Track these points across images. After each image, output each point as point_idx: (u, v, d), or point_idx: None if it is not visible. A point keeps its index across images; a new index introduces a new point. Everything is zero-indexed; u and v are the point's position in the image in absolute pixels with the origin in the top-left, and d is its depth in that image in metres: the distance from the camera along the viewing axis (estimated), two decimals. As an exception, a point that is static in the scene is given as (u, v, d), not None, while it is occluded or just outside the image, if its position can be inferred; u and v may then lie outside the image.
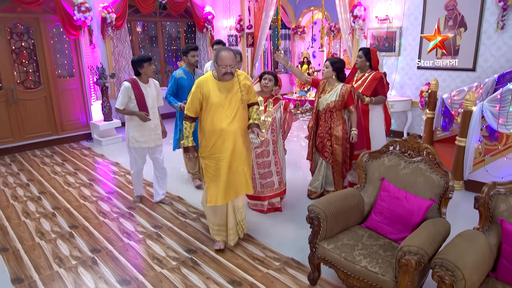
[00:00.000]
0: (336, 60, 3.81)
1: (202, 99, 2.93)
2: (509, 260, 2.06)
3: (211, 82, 2.94)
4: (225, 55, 2.82)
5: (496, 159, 4.06)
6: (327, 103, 3.78)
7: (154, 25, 8.36)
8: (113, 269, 2.97)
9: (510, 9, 4.91)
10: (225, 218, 3.18)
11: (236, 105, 2.96)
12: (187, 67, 4.29)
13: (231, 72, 2.86)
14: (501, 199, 2.19)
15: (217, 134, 2.93)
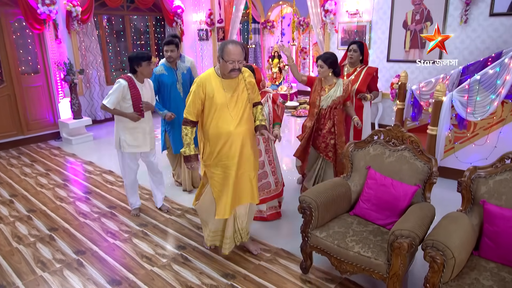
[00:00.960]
0: (327, 56, 3.60)
1: (205, 99, 2.61)
2: (491, 238, 2.21)
3: (214, 80, 2.62)
4: (233, 49, 2.48)
5: (465, 146, 4.29)
6: (333, 100, 3.59)
7: (121, 19, 8.11)
8: (100, 270, 2.89)
9: (473, 4, 5.19)
10: (222, 224, 2.90)
11: (243, 105, 2.67)
12: (167, 62, 4.00)
13: (239, 69, 2.55)
14: (482, 182, 2.34)
15: (224, 138, 2.62)
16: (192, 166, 2.77)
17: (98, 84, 7.45)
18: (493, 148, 4.07)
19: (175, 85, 3.99)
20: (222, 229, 2.91)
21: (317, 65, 3.65)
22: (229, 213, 2.72)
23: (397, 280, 2.24)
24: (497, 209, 2.20)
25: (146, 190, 4.34)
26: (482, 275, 2.07)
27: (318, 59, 3.63)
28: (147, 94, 3.48)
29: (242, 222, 2.91)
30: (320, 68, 3.61)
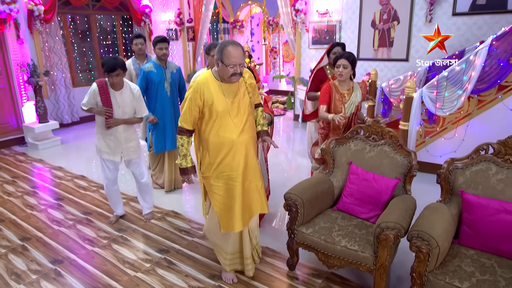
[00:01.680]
0: (350, 54, 3.17)
1: (203, 106, 2.36)
2: (470, 227, 2.32)
3: (212, 84, 2.36)
4: (233, 52, 2.23)
5: (435, 139, 4.48)
6: (356, 106, 3.26)
7: (87, 18, 7.83)
8: (80, 278, 2.78)
9: (436, 4, 5.42)
10: (238, 244, 2.64)
11: (246, 111, 2.45)
12: (157, 60, 3.95)
13: (240, 72, 2.31)
14: (459, 173, 2.45)
15: (226, 147, 2.39)
16: (189, 179, 2.54)
17: (64, 86, 7.15)
18: (461, 141, 4.27)
19: (162, 83, 3.94)
20: (239, 249, 2.66)
21: (336, 65, 3.17)
22: (242, 226, 2.48)
23: (384, 272, 2.30)
24: (474, 198, 2.31)
25: (124, 195, 4.21)
26: (464, 262, 2.16)
27: (339, 58, 3.15)
28: (124, 102, 3.20)
29: (256, 237, 2.71)
30: (343, 69, 3.12)
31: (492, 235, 2.23)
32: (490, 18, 5.07)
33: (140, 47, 4.25)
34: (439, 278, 2.09)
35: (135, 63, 4.36)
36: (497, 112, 4.04)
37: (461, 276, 2.06)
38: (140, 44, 4.25)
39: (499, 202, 2.24)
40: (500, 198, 2.29)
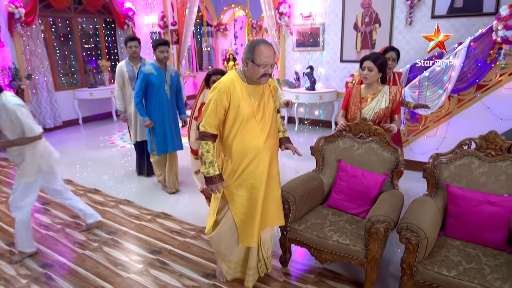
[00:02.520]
0: (377, 56, 2.92)
1: (229, 108, 2.20)
2: (455, 218, 2.42)
3: (239, 86, 2.22)
4: (266, 51, 2.12)
5: (418, 138, 4.63)
6: (375, 112, 2.98)
7: (69, 21, 7.73)
8: (72, 281, 2.75)
9: (416, 7, 5.60)
10: (244, 253, 2.52)
11: (270, 115, 2.32)
12: (157, 63, 3.92)
13: (270, 74, 2.20)
14: (444, 167, 2.55)
15: (251, 154, 2.25)
16: (217, 188, 2.29)
17: (46, 90, 7.04)
18: (443, 138, 4.42)
19: (163, 86, 3.94)
20: (244, 258, 2.53)
21: (361, 67, 2.96)
22: (257, 241, 2.37)
23: (375, 264, 2.38)
24: (459, 191, 2.41)
25: (111, 198, 4.18)
26: (451, 252, 2.26)
27: (365, 60, 2.92)
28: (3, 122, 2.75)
29: (268, 250, 2.55)
30: (368, 72, 2.90)
31: (476, 225, 2.33)
32: (467, 21, 5.27)
33: (134, 50, 4.24)
34: (428, 268, 2.17)
35: (128, 66, 4.34)
36: (476, 110, 4.21)
37: (448, 265, 2.15)
38: (134, 47, 4.23)
39: (482, 194, 2.35)
40: (483, 190, 2.41)
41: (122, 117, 4.49)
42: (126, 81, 4.33)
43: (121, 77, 4.32)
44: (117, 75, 4.34)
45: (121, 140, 6.67)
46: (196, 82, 10.79)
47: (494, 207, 2.29)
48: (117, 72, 4.35)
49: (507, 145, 2.39)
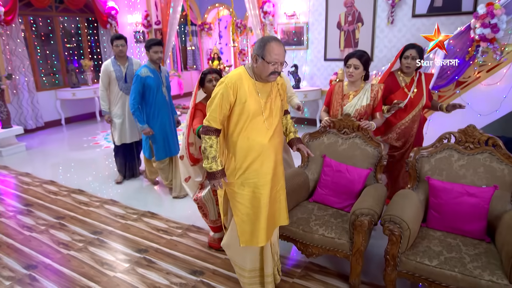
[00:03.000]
0: (362, 53, 2.92)
1: (235, 104, 2.14)
2: (436, 210, 2.49)
3: (247, 81, 2.16)
4: (277, 48, 2.07)
5: (400, 134, 4.74)
6: (356, 109, 3.00)
7: (50, 20, 7.59)
8: (57, 282, 2.72)
9: (397, 6, 5.71)
10: (258, 260, 2.42)
11: (278, 114, 2.27)
12: (151, 64, 3.80)
13: (279, 72, 2.16)
14: (425, 161, 2.62)
15: (256, 152, 2.18)
16: (219, 184, 2.22)
17: (27, 90, 6.90)
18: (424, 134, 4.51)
19: (160, 88, 3.84)
20: (260, 267, 2.44)
21: (346, 65, 2.96)
22: (266, 240, 2.27)
23: (360, 256, 2.42)
24: (439, 183, 2.48)
25: (96, 198, 4.14)
26: (432, 243, 2.32)
27: (350, 58, 2.91)
28: None
29: (277, 252, 2.51)
30: (354, 70, 2.91)
31: (456, 216, 2.40)
32: (446, 19, 5.40)
33: (121, 49, 4.08)
34: (411, 258, 2.23)
35: (115, 65, 4.16)
36: (455, 106, 4.31)
37: (430, 255, 2.21)
38: (121, 46, 4.08)
39: (462, 186, 2.42)
40: (462, 182, 2.48)
41: (106, 118, 4.33)
42: (112, 81, 4.18)
43: (106, 76, 4.16)
44: (102, 75, 4.18)
45: (105, 140, 6.59)
46: (180, 82, 10.73)
47: (473, 198, 2.37)
48: (102, 72, 4.19)
49: (484, 138, 2.47)
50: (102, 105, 4.28)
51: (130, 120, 4.29)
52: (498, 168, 2.42)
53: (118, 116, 4.29)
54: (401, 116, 3.22)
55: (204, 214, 2.98)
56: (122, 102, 4.26)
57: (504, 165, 2.40)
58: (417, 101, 3.16)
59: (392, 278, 2.32)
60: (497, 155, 2.43)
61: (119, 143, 4.41)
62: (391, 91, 3.20)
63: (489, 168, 2.44)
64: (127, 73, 4.19)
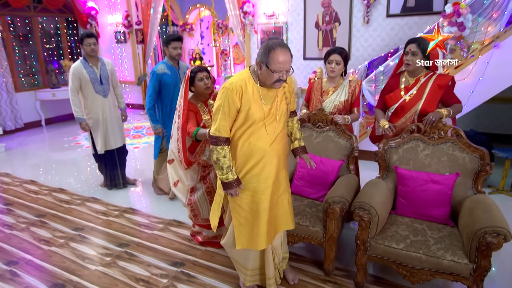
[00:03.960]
0: (342, 49, 2.96)
1: (239, 110, 2.09)
2: (403, 197, 2.63)
3: (251, 87, 2.09)
4: (282, 56, 1.96)
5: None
6: (335, 105, 3.04)
7: (28, 20, 7.52)
8: (39, 276, 2.76)
9: (372, 6, 5.90)
10: (259, 261, 2.44)
11: (282, 119, 2.20)
12: (169, 61, 3.65)
13: (285, 80, 2.06)
14: (393, 151, 2.76)
15: (257, 157, 2.14)
16: (236, 192, 2.18)
17: (6, 91, 6.83)
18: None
19: (178, 85, 3.64)
20: (260, 266, 2.46)
21: (327, 61, 2.99)
22: (265, 244, 2.24)
23: (333, 243, 2.55)
24: (406, 172, 2.62)
25: (77, 196, 4.16)
26: (400, 228, 2.46)
27: (331, 53, 2.94)
28: None
29: (279, 256, 2.48)
30: (335, 66, 2.94)
31: (422, 203, 2.55)
32: (419, 19, 5.60)
33: (93, 48, 3.81)
34: (379, 242, 2.36)
35: (87, 66, 3.87)
36: (427, 102, 4.49)
37: (397, 239, 2.35)
38: (93, 45, 3.81)
39: (427, 174, 2.57)
40: (427, 170, 2.64)
41: (84, 125, 3.95)
42: (86, 84, 3.86)
43: (78, 79, 3.81)
44: (73, 78, 3.80)
45: (86, 140, 6.58)
46: (163, 82, 10.71)
47: (437, 185, 2.52)
48: (72, 75, 3.80)
49: (447, 129, 2.63)
50: (75, 111, 3.88)
51: (112, 124, 4.08)
52: (460, 156, 2.58)
53: (96, 121, 3.99)
54: (392, 122, 2.95)
55: (195, 215, 2.96)
56: (100, 105, 3.97)
57: (465, 154, 2.56)
58: (410, 106, 2.81)
59: (362, 262, 2.45)
60: (459, 145, 2.59)
61: (102, 152, 4.10)
62: (391, 91, 2.96)
63: (451, 157, 2.60)
64: (101, 74, 3.94)
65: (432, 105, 2.74)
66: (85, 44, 3.82)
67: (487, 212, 2.22)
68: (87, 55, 3.89)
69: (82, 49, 3.95)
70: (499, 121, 5.42)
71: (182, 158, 2.73)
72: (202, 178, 2.92)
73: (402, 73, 2.92)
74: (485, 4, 3.85)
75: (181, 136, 2.69)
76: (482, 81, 3.99)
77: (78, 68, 3.83)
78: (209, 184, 2.90)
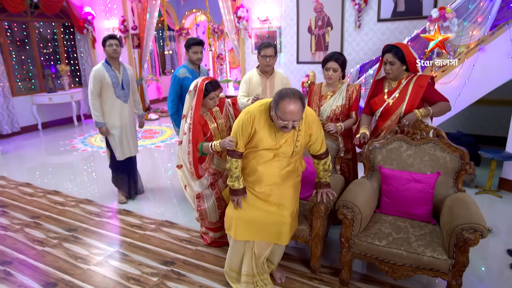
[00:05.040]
0: (339, 55, 2.97)
1: (252, 136, 2.32)
2: (387, 196, 2.70)
3: (264, 120, 2.29)
4: (289, 107, 2.06)
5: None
6: (332, 109, 3.07)
7: (25, 25, 7.60)
8: (32, 276, 2.81)
9: (364, 11, 6.01)
10: (239, 261, 2.54)
11: (292, 156, 2.39)
12: (190, 64, 3.63)
13: (293, 126, 2.16)
14: (378, 151, 2.84)
15: (259, 179, 2.42)
16: (239, 201, 2.41)
17: (3, 96, 6.90)
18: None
19: None
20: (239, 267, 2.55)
21: (325, 68, 3.00)
22: (242, 237, 2.42)
23: (319, 241, 2.62)
24: (390, 172, 2.70)
25: (71, 198, 4.23)
26: (383, 226, 2.54)
27: (328, 61, 2.97)
28: None
29: (257, 266, 2.50)
30: (332, 73, 2.97)
31: (405, 201, 2.62)
32: (409, 23, 5.72)
33: (115, 49, 3.64)
34: (363, 240, 2.43)
35: (109, 70, 3.69)
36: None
37: (380, 236, 2.42)
38: (115, 45, 3.65)
39: (410, 173, 2.65)
40: (410, 170, 2.71)
41: (104, 130, 3.79)
42: (107, 88, 3.71)
43: (99, 83, 3.66)
44: (94, 81, 3.66)
45: (82, 144, 6.64)
46: (159, 86, 10.82)
47: (420, 184, 2.59)
48: (93, 78, 3.66)
49: (429, 129, 2.71)
50: (95, 116, 3.73)
51: (131, 131, 3.98)
52: (441, 156, 2.65)
53: (116, 127, 3.84)
54: (379, 125, 3.00)
55: (202, 219, 3.03)
56: (120, 111, 3.83)
57: (446, 153, 2.64)
58: (394, 109, 2.84)
59: (347, 259, 2.52)
60: (440, 145, 2.67)
61: (122, 158, 3.95)
62: (375, 96, 3.01)
63: (433, 157, 2.67)
64: (123, 79, 3.80)
65: (415, 106, 2.79)
66: (108, 45, 3.68)
67: (466, 209, 2.30)
68: (110, 57, 3.74)
69: (104, 51, 3.74)
70: (487, 123, 5.52)
71: (193, 171, 2.80)
72: (211, 184, 2.97)
73: (385, 78, 2.98)
74: (470, 9, 3.95)
75: (192, 150, 2.74)
76: (469, 84, 4.08)
77: (100, 71, 3.69)
78: (218, 190, 2.97)
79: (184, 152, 2.80)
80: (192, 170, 2.79)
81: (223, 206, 2.95)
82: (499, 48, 3.86)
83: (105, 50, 3.71)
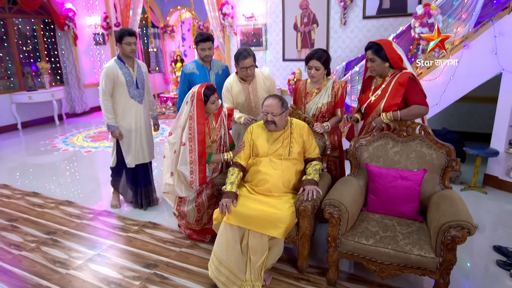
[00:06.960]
0: (321, 53, 2.91)
1: (251, 144, 2.77)
2: (374, 194, 2.67)
3: (261, 129, 2.77)
4: (268, 100, 2.63)
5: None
6: (318, 107, 3.03)
7: (3, 22, 7.36)
8: (8, 282, 2.69)
9: (349, 8, 5.99)
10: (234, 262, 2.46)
11: (288, 159, 2.69)
12: (200, 60, 3.49)
13: (273, 121, 2.60)
14: (364, 149, 2.80)
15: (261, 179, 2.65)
16: (227, 205, 2.45)
17: (-21, 94, 6.65)
18: (374, 128, 4.76)
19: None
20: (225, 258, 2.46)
21: (307, 67, 2.96)
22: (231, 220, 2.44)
23: (306, 240, 2.56)
24: (376, 169, 2.66)
25: (51, 199, 4.09)
26: (370, 224, 2.50)
27: (310, 59, 2.92)
28: None
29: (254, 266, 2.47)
30: (315, 71, 2.93)
31: (392, 199, 2.59)
32: (394, 21, 5.72)
33: (133, 48, 3.35)
34: (350, 238, 2.39)
35: (123, 67, 3.38)
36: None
37: (367, 235, 2.38)
38: (133, 44, 3.34)
39: (396, 171, 2.61)
40: (396, 167, 2.68)
41: (118, 134, 3.49)
42: (120, 87, 3.41)
43: (111, 82, 3.35)
44: (106, 80, 3.34)
45: (63, 143, 6.47)
46: (144, 85, 10.63)
47: (406, 181, 2.56)
48: (106, 76, 3.33)
49: (415, 126, 2.68)
50: (107, 118, 3.44)
51: (147, 134, 3.67)
52: (427, 153, 2.63)
53: (128, 131, 3.55)
54: (364, 122, 3.02)
55: (181, 218, 3.08)
56: (134, 112, 3.53)
57: (432, 150, 2.62)
58: (375, 106, 2.80)
59: (334, 258, 2.47)
60: (427, 141, 2.64)
61: (132, 165, 3.62)
62: (364, 93, 2.98)
63: (419, 154, 2.65)
64: (137, 77, 3.49)
65: (393, 103, 2.69)
66: (125, 43, 3.32)
67: (453, 206, 2.27)
68: (125, 56, 3.39)
69: (119, 48, 3.37)
70: (472, 119, 5.57)
71: (196, 179, 2.80)
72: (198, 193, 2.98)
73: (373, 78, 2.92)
74: (455, 5, 3.95)
75: (198, 159, 2.76)
76: (453, 81, 4.08)
77: (113, 68, 3.34)
78: (201, 202, 3.00)
79: (182, 163, 2.79)
80: (194, 178, 2.79)
81: (202, 212, 3.02)
82: (483, 44, 3.87)
83: (121, 48, 3.34)
